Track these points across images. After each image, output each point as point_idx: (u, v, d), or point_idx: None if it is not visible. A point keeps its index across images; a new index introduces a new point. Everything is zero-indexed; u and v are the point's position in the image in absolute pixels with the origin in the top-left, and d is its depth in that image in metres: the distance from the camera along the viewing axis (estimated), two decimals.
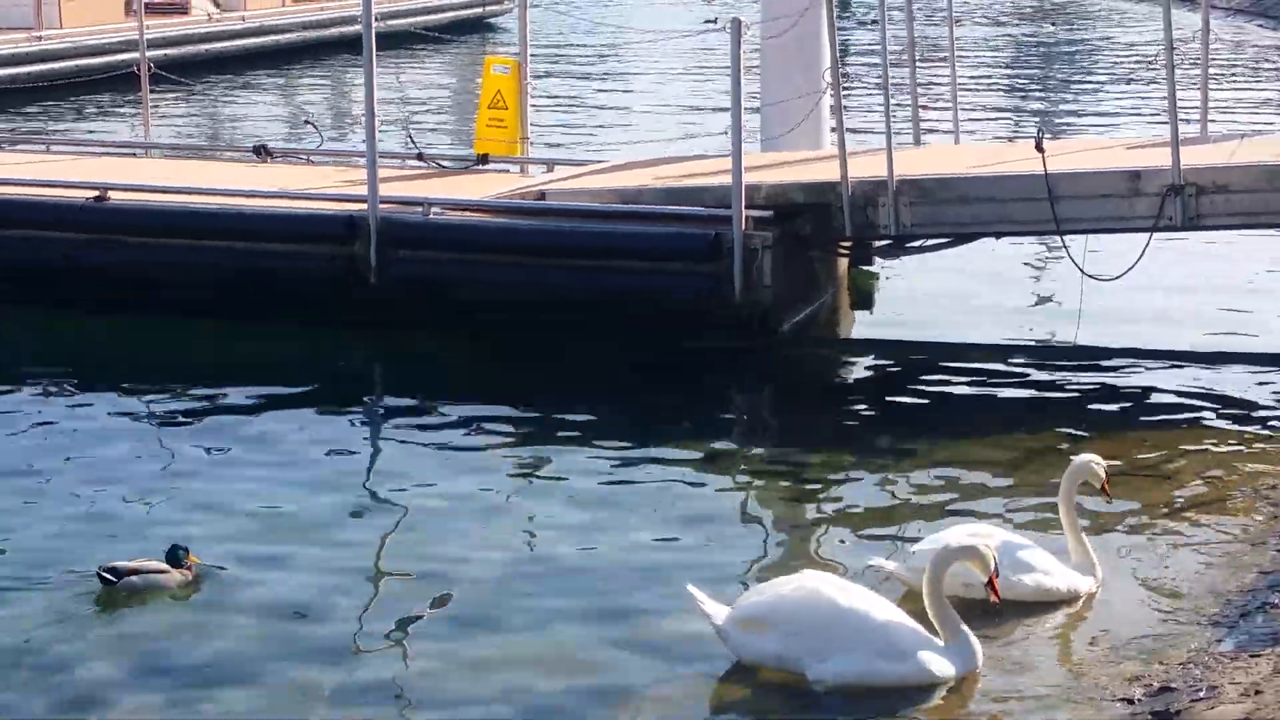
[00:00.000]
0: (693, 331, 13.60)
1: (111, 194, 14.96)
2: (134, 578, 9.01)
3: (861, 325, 15.40)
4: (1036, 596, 8.78)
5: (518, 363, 13.66)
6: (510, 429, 12.07)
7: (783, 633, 7.83)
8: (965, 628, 7.98)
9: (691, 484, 10.89)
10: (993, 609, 8.49)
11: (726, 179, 13.70)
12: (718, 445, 11.73)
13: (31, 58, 28.64)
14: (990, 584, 8.10)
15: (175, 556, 9.17)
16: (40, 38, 29.23)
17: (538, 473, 11.19)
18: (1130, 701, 7.38)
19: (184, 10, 32.97)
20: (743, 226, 13.50)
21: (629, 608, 8.87)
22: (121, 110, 27.11)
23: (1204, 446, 11.50)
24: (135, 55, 18.80)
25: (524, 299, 13.92)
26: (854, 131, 14.02)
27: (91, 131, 24.54)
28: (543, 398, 12.69)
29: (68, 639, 8.55)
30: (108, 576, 9.01)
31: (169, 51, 28.79)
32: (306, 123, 21.30)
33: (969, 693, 7.84)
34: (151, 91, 18.55)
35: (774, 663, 7.88)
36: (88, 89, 26.79)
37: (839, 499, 10.70)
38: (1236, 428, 11.97)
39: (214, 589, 9.18)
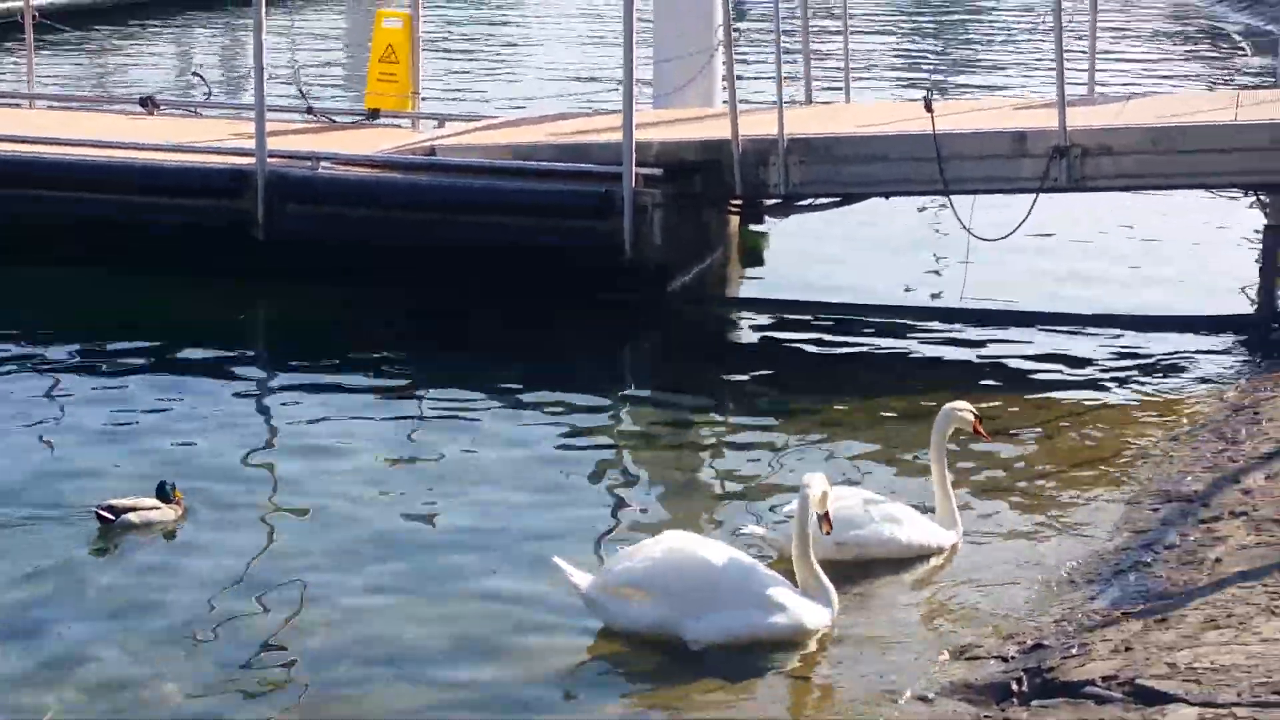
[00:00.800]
0: (583, 288, 13.61)
1: None
2: (130, 515, 9.16)
3: (750, 284, 15.49)
4: (900, 553, 8.92)
5: (403, 319, 13.62)
6: (393, 385, 12.06)
7: (658, 596, 7.79)
8: (823, 575, 8.07)
9: (571, 442, 10.89)
10: (864, 570, 8.72)
11: (618, 136, 13.69)
12: (601, 402, 11.75)
13: None
14: (824, 517, 8.18)
15: (164, 492, 9.34)
16: None
17: (420, 428, 11.18)
18: (1004, 659, 7.48)
19: None
20: (633, 184, 13.51)
21: (499, 566, 8.85)
22: (5, 60, 26.66)
23: (1084, 407, 11.66)
24: (19, 3, 18.48)
25: (412, 255, 13.85)
26: (746, 84, 14.07)
27: None
28: (427, 354, 12.69)
29: (71, 576, 8.63)
30: (105, 515, 9.12)
31: (55, 0, 28.34)
32: (194, 74, 21.07)
33: (841, 652, 7.91)
34: (36, 40, 18.28)
35: (649, 627, 7.83)
36: None
37: (717, 459, 10.75)
38: (1116, 389, 12.15)
39: (204, 522, 9.37)
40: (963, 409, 9.34)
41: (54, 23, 20.73)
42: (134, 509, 9.20)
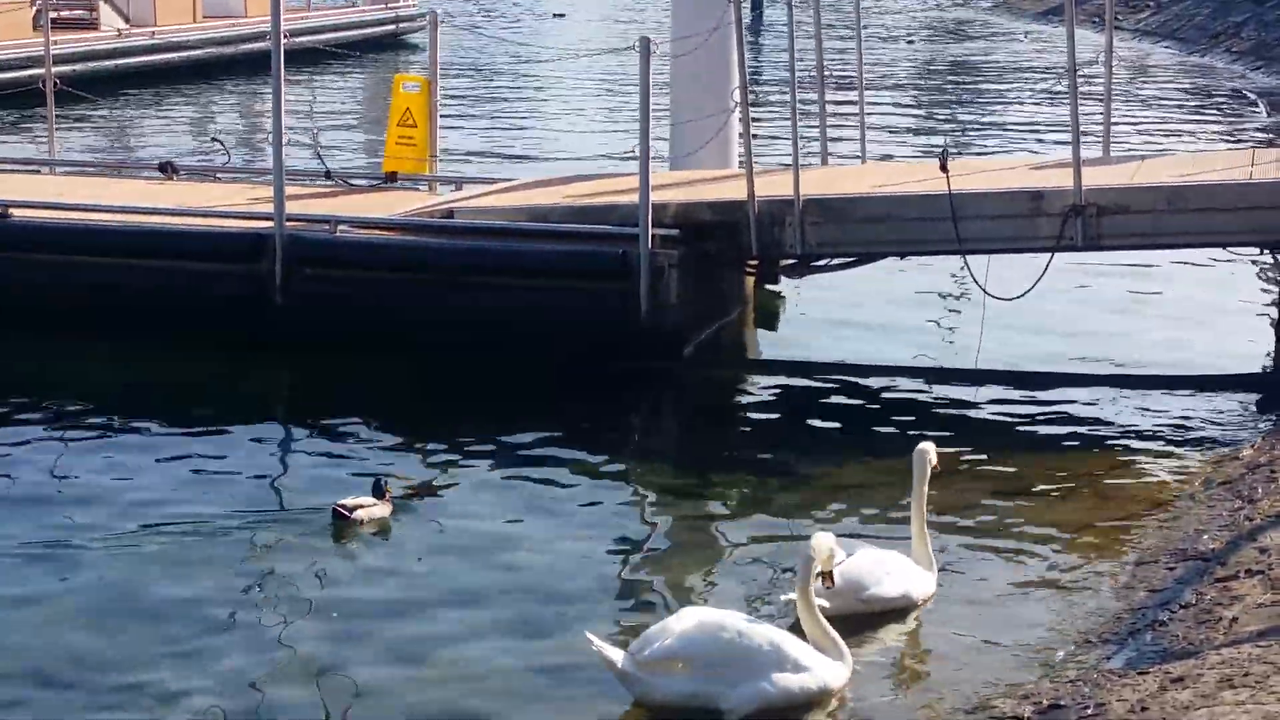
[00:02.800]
0: (600, 350, 13.65)
1: (14, 211, 14.84)
2: (360, 511, 10.32)
3: (766, 345, 15.51)
4: (909, 604, 9.14)
5: (422, 382, 13.63)
6: (411, 450, 12.06)
7: (694, 667, 7.84)
8: (833, 631, 8.21)
9: (586, 506, 10.89)
10: (867, 625, 8.85)
11: (634, 197, 13.75)
12: (618, 465, 11.77)
13: None
14: (827, 575, 8.46)
15: (379, 489, 10.48)
16: None
17: (435, 493, 11.17)
18: (1019, 719, 7.47)
19: (93, 26, 32.68)
20: (650, 245, 13.57)
21: (522, 632, 8.88)
22: (27, 126, 26.85)
23: (1099, 465, 11.67)
24: (41, 71, 18.63)
25: (431, 318, 13.90)
26: (762, 146, 14.15)
27: None
28: (445, 417, 12.67)
29: (323, 565, 9.80)
30: (343, 512, 10.26)
31: (77, 67, 28.53)
32: (214, 140, 21.21)
33: (856, 712, 7.93)
34: (58, 107, 18.42)
35: (685, 700, 7.86)
36: None
37: (734, 523, 10.74)
38: (1131, 447, 12.14)
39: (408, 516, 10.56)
40: (928, 449, 9.46)
41: (74, 89, 20.85)
42: (361, 506, 10.35)
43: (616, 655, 7.94)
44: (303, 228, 14.44)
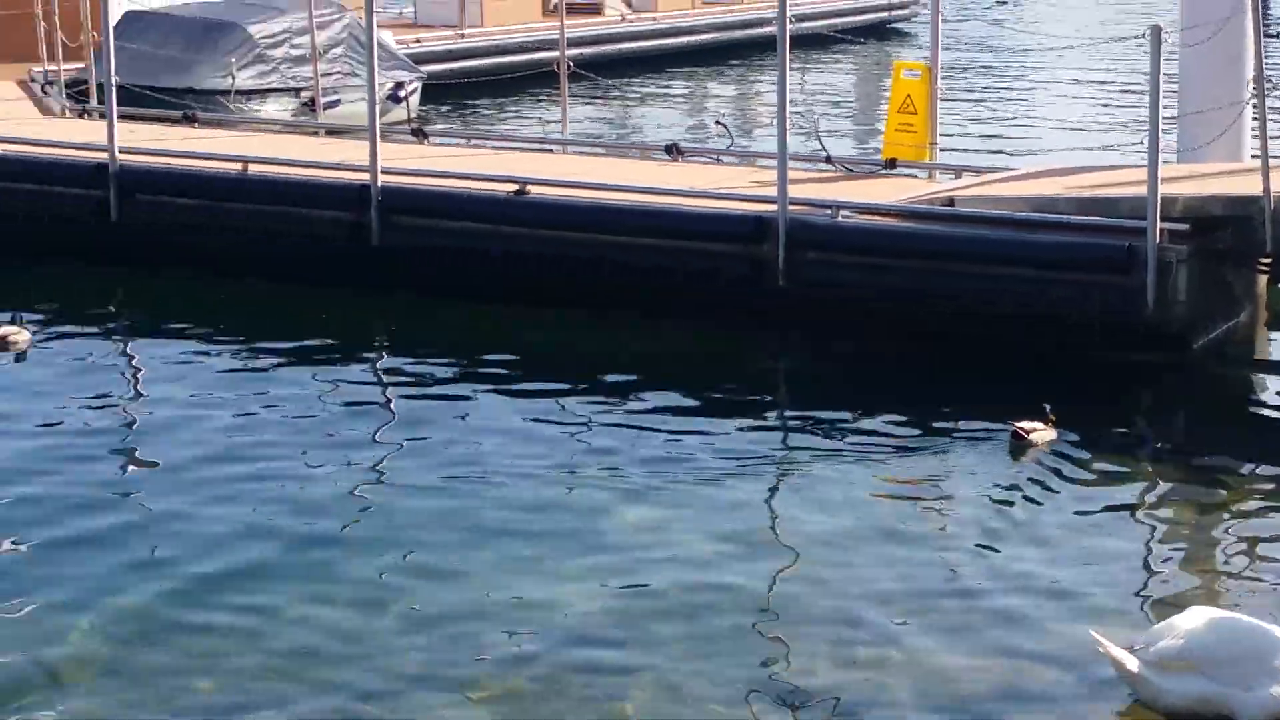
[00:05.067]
0: (1102, 344, 13.39)
1: (531, 188, 15.46)
2: (1035, 435, 11.40)
3: (1278, 348, 14.90)
4: None
5: (919, 370, 13.61)
6: (910, 435, 12.07)
7: (1206, 668, 7.65)
8: None
9: (1090, 498, 10.75)
10: None
11: (1141, 190, 13.43)
12: (1123, 463, 11.54)
13: (455, 55, 29.68)
14: None
15: (1045, 414, 11.54)
16: (464, 35, 30.29)
17: (930, 485, 11.15)
18: None
19: (598, 10, 33.70)
20: (1158, 239, 13.23)
21: (1014, 621, 8.85)
22: (538, 107, 27.89)
23: None
24: (553, 54, 19.32)
25: (931, 305, 13.89)
26: (1277, 139, 13.70)
27: (510, 126, 25.34)
28: (935, 404, 12.61)
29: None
30: (1021, 433, 11.41)
31: (584, 50, 29.45)
32: (718, 123, 21.62)
33: None
34: (569, 89, 19.06)
35: (1197, 703, 7.67)
36: (507, 86, 27.61)
37: (1245, 524, 10.41)
38: None
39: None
40: None
41: (586, 72, 21.57)
42: (1035, 430, 11.41)
43: (1128, 658, 7.77)
44: (804, 211, 14.61)
